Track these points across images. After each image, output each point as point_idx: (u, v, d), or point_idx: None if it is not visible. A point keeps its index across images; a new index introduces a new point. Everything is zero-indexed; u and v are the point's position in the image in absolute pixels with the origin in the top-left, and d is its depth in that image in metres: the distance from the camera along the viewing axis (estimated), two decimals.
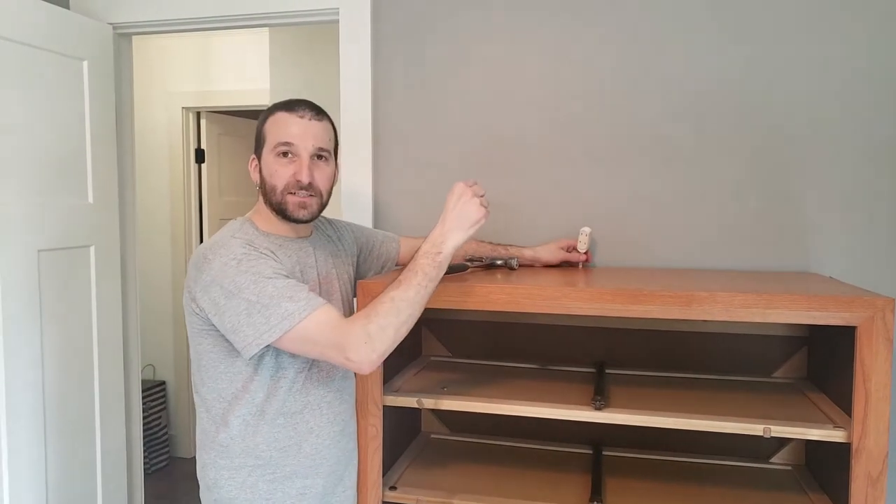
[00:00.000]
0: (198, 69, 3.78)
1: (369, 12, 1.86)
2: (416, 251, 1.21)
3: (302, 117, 1.26)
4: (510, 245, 1.68)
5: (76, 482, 1.99)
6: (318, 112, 1.29)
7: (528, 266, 1.66)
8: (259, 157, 1.30)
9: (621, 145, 1.73)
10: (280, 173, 1.25)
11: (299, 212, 1.27)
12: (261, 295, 1.14)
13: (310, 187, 1.26)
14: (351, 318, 1.16)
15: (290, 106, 1.27)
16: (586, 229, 1.66)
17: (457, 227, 1.21)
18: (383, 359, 1.15)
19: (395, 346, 1.16)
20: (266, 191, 1.27)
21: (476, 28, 1.81)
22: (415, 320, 1.17)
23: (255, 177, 1.31)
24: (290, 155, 1.25)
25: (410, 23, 1.85)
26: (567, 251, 1.67)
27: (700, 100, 1.68)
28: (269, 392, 1.24)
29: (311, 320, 1.13)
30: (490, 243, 1.68)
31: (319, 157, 1.28)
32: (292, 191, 1.25)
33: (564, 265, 1.68)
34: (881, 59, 1.59)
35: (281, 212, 1.27)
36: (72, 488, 1.97)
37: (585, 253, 1.67)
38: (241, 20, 2.02)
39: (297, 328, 1.13)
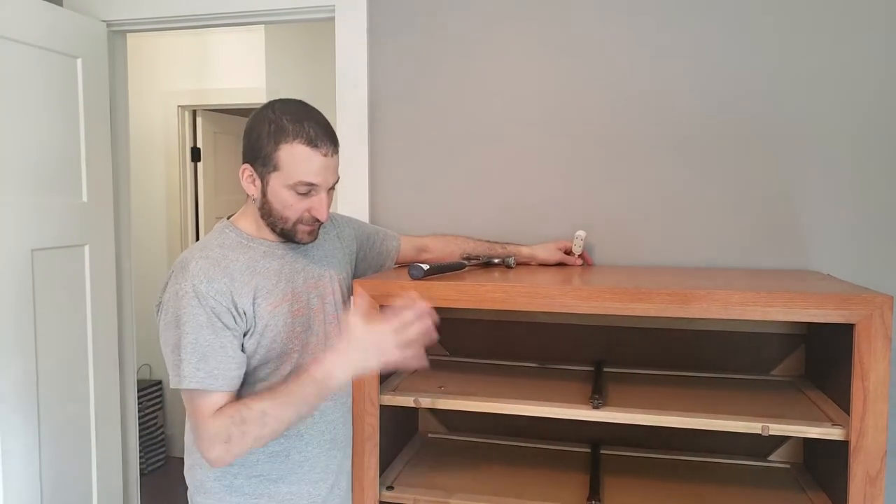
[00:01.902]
0: (194, 67, 3.76)
1: (365, 10, 1.85)
2: (300, 374, 1.14)
3: (325, 155, 1.19)
4: (508, 243, 1.67)
5: (71, 482, 1.98)
6: (334, 141, 1.22)
7: (524, 264, 1.66)
8: (261, 174, 1.22)
9: (619, 144, 1.72)
10: (295, 207, 1.22)
11: (308, 238, 1.26)
12: (184, 338, 1.14)
13: None
14: (222, 412, 1.13)
15: (311, 139, 1.18)
16: (581, 233, 1.65)
17: (356, 361, 1.14)
18: (235, 459, 1.15)
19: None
20: (272, 215, 1.23)
21: (474, 26, 1.80)
22: (278, 435, 1.17)
23: (253, 191, 1.24)
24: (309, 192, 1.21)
25: (407, 20, 1.84)
26: (565, 253, 1.67)
27: (698, 100, 1.67)
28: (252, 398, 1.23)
29: (194, 396, 1.15)
30: (487, 241, 1.67)
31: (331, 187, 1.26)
32: (306, 223, 1.24)
33: (561, 266, 1.67)
34: (881, 59, 1.58)
35: (287, 237, 1.25)
36: (67, 488, 1.96)
37: (580, 256, 1.67)
38: (237, 17, 2.01)
39: (183, 393, 1.16)
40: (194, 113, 3.92)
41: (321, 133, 1.19)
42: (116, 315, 2.17)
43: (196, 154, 3.94)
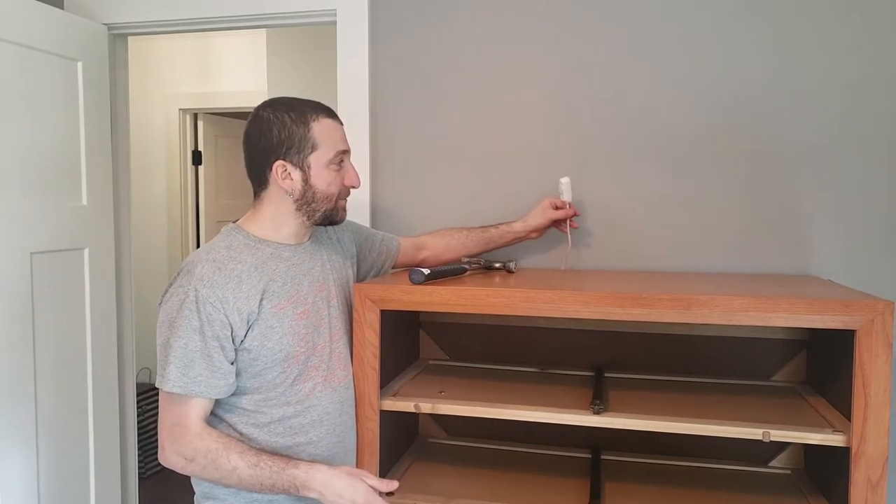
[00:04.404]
0: (195, 70, 3.77)
1: (367, 13, 1.85)
2: (293, 461, 1.16)
3: (342, 123, 1.29)
4: (500, 223, 1.67)
5: (69, 486, 1.97)
6: None
7: (524, 238, 1.67)
8: (299, 162, 1.23)
9: (621, 148, 1.72)
10: (336, 182, 1.28)
11: (343, 214, 1.33)
12: (174, 341, 1.16)
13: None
14: (207, 437, 1.16)
15: (329, 112, 1.27)
16: (565, 179, 1.65)
17: (331, 494, 1.13)
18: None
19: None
20: (314, 200, 1.26)
21: (475, 29, 1.80)
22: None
23: (290, 185, 1.24)
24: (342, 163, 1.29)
25: (408, 24, 1.84)
26: (554, 209, 1.66)
27: (699, 103, 1.67)
28: (259, 403, 1.23)
29: (174, 399, 1.17)
30: (480, 227, 1.67)
31: None
32: (343, 196, 1.31)
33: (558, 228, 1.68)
34: (881, 63, 1.58)
35: (329, 218, 1.30)
36: (65, 492, 1.95)
37: (571, 206, 1.66)
38: (238, 21, 2.01)
39: (162, 395, 1.18)
40: (195, 116, 3.92)
41: (326, 106, 1.29)
42: (116, 319, 2.17)
43: (197, 157, 3.94)
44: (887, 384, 1.16)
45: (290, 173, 1.24)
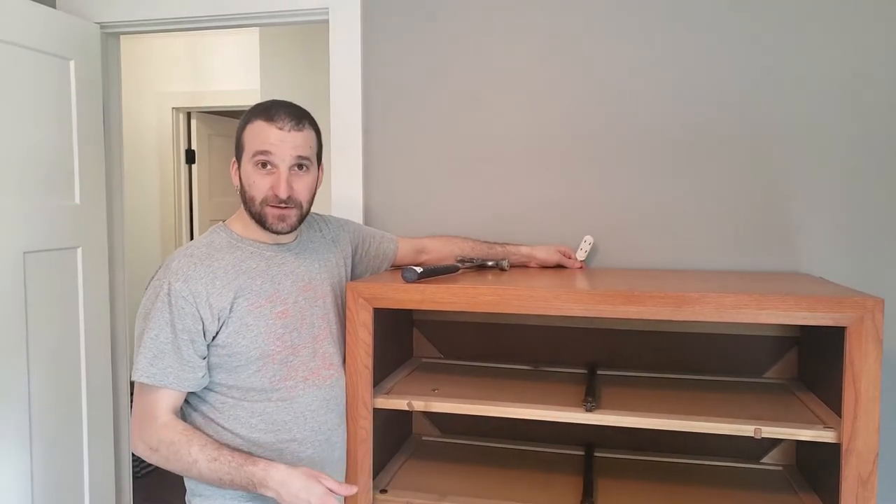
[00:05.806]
0: (188, 69, 3.76)
1: (359, 12, 1.84)
2: (252, 458, 1.15)
3: (281, 129, 1.22)
4: (506, 243, 1.67)
5: (63, 485, 1.96)
6: (299, 120, 1.25)
7: (521, 266, 1.66)
8: (238, 162, 1.28)
9: (614, 148, 1.72)
10: (258, 184, 1.24)
11: (278, 224, 1.26)
12: (146, 332, 1.18)
13: (289, 200, 1.24)
14: (172, 428, 1.17)
15: (269, 114, 1.23)
16: (589, 238, 1.67)
17: (287, 494, 1.11)
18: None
19: None
20: (246, 200, 1.27)
21: (469, 28, 1.80)
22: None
23: (236, 181, 1.30)
24: (268, 166, 1.23)
25: (401, 22, 1.84)
26: (566, 257, 1.68)
27: (692, 103, 1.68)
28: (238, 399, 1.24)
29: (144, 389, 1.19)
30: (486, 242, 1.67)
31: (300, 166, 1.26)
32: (271, 203, 1.24)
33: (559, 268, 1.68)
34: (872, 60, 1.59)
35: (260, 222, 1.27)
36: (59, 491, 1.95)
37: (581, 264, 1.68)
38: (231, 20, 2.01)
39: (136, 385, 1.21)
40: (189, 115, 3.91)
41: (281, 111, 1.24)
42: (109, 318, 2.16)
43: (190, 156, 3.93)
44: (877, 381, 1.17)
45: (237, 172, 1.29)
